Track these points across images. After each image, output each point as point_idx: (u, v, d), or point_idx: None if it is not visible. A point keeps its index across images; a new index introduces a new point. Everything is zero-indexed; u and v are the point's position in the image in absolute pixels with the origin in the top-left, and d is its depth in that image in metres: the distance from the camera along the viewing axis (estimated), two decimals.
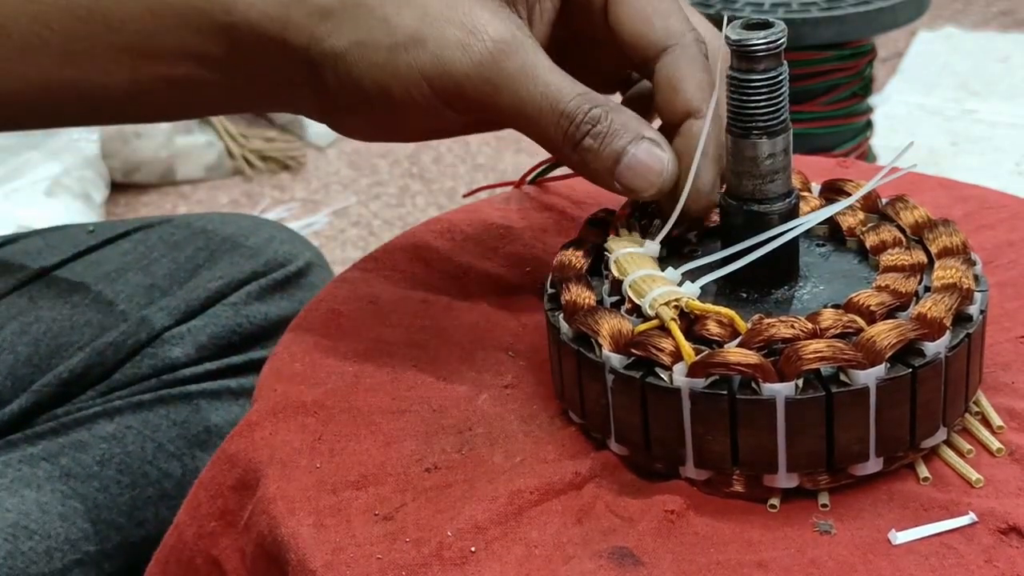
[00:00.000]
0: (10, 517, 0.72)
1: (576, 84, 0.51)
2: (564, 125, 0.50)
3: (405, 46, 0.50)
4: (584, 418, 0.50)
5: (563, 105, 0.50)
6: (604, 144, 0.50)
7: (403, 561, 0.45)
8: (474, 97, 0.50)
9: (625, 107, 0.51)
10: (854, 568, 0.44)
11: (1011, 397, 0.52)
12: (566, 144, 0.51)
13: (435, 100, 0.51)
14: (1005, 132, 2.12)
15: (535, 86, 0.50)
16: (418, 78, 0.50)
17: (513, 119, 0.51)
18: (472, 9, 0.50)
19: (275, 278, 0.87)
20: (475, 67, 0.49)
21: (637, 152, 0.50)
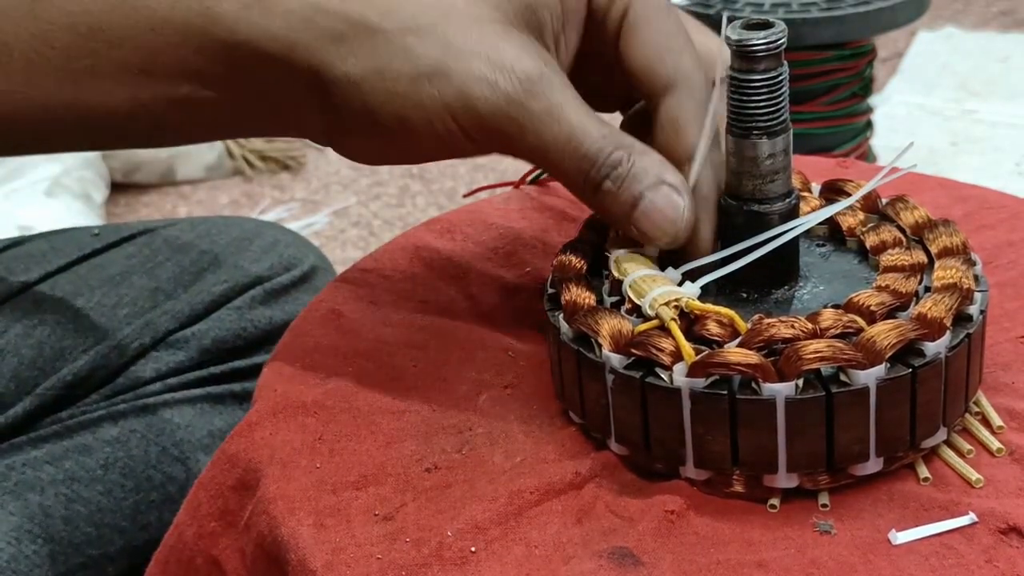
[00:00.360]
0: (14, 520, 0.72)
1: (603, 124, 0.50)
2: (585, 168, 0.49)
3: (428, 77, 0.49)
4: (584, 418, 0.50)
5: (585, 148, 0.49)
6: (623, 188, 0.49)
7: (403, 561, 0.45)
8: (497, 134, 0.49)
9: (651, 149, 0.50)
10: (854, 568, 0.44)
11: (1011, 397, 0.52)
12: (587, 186, 0.50)
13: (457, 133, 0.49)
14: (1005, 132, 2.12)
15: (560, 127, 0.49)
16: (442, 111, 0.49)
17: (534, 157, 0.50)
18: (499, 43, 0.49)
19: (280, 282, 0.87)
20: (502, 105, 0.48)
21: (655, 198, 0.49)
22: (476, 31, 0.49)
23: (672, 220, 0.49)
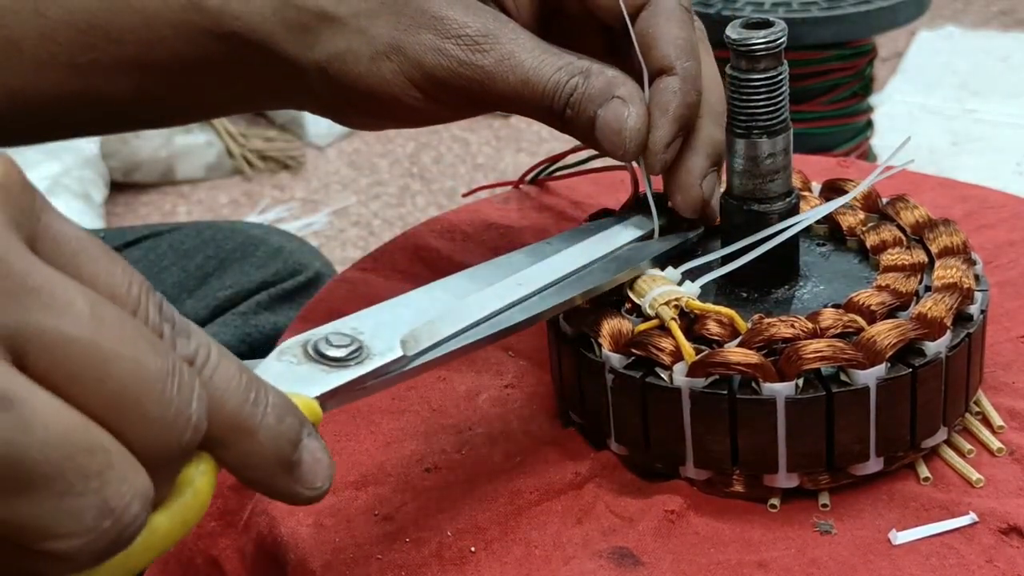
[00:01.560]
0: None
1: (558, 56, 0.51)
2: (547, 103, 0.51)
3: (386, 55, 0.52)
4: (584, 418, 0.50)
5: (543, 86, 0.51)
6: (580, 112, 0.51)
7: (403, 561, 0.45)
8: (461, 92, 0.52)
9: (609, 68, 0.51)
10: (854, 568, 0.44)
11: (1011, 397, 0.52)
12: (552, 120, 0.52)
13: (424, 100, 0.52)
14: (1005, 132, 2.13)
15: (514, 75, 0.51)
16: (403, 82, 0.52)
17: (502, 105, 0.52)
18: (442, 11, 0.51)
19: (285, 288, 0.87)
20: (455, 68, 0.51)
21: (605, 114, 0.50)
22: (422, 4, 0.51)
23: (617, 130, 0.50)
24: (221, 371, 0.32)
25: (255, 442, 0.32)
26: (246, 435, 0.32)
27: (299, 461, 0.34)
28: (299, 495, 0.35)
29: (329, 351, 0.39)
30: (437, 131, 2.26)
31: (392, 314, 0.42)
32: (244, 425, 0.32)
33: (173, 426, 0.29)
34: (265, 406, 0.33)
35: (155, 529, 0.30)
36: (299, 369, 0.38)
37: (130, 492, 0.29)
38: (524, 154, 2.16)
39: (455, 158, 2.19)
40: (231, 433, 0.32)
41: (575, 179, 0.70)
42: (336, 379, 0.38)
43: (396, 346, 0.40)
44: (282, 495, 0.34)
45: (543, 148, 2.16)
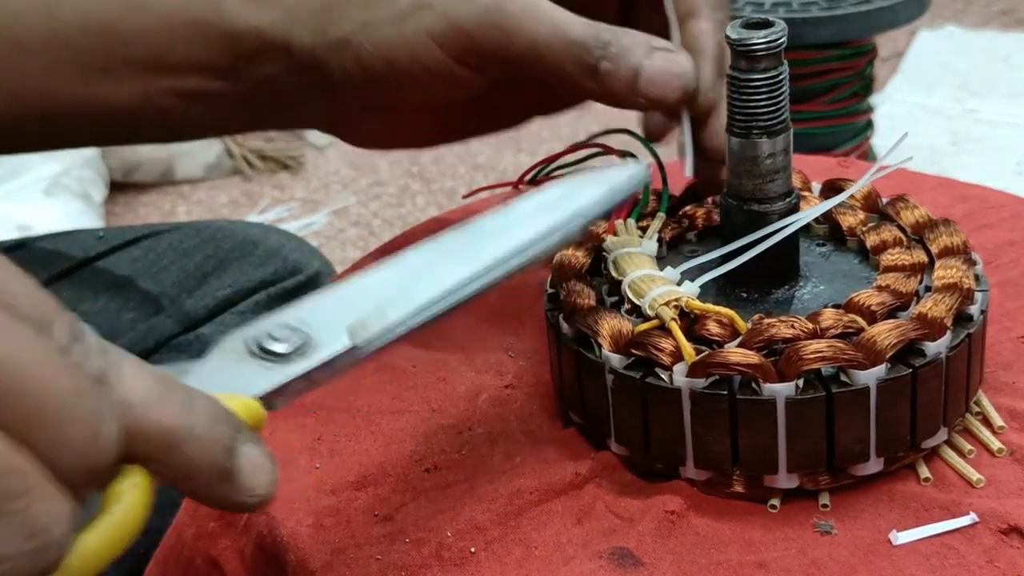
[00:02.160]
0: None
1: (580, 17, 0.51)
2: (579, 54, 0.50)
3: (409, 15, 0.51)
4: (584, 418, 0.50)
5: (574, 35, 0.50)
6: (621, 64, 0.50)
7: (403, 562, 0.45)
8: (486, 47, 0.51)
9: (630, 30, 0.51)
10: (855, 569, 0.44)
11: (1012, 397, 0.52)
12: (585, 74, 0.51)
13: (447, 62, 0.51)
14: (1005, 132, 2.12)
15: (542, 23, 0.50)
16: (427, 41, 0.51)
17: (529, 62, 0.51)
18: None
19: (284, 287, 0.87)
20: (482, 15, 0.50)
21: (653, 63, 0.50)
22: None
23: (678, 75, 0.50)
24: (139, 384, 0.30)
25: (185, 453, 0.31)
26: (174, 447, 0.31)
27: (237, 468, 0.33)
28: (242, 503, 0.33)
29: (272, 346, 0.36)
30: None
31: (338, 300, 0.39)
32: (170, 437, 0.31)
33: (88, 444, 0.28)
34: (192, 415, 0.31)
35: (86, 549, 0.29)
36: (240, 368, 0.36)
37: (52, 512, 0.28)
38: (524, 154, 2.16)
39: (455, 158, 2.19)
40: (158, 446, 0.31)
41: None
42: (281, 376, 0.36)
43: (343, 336, 0.38)
44: (224, 504, 0.33)
45: (543, 148, 2.16)
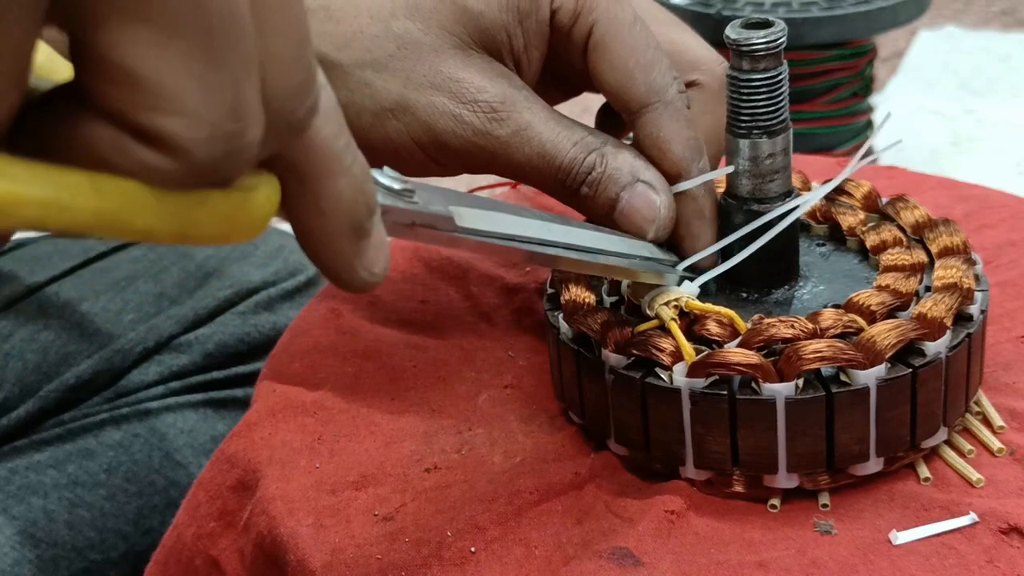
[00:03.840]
0: (17, 524, 0.72)
1: (573, 130, 0.50)
2: (561, 178, 0.50)
3: (392, 112, 0.49)
4: (584, 418, 0.50)
5: (559, 161, 0.49)
6: (600, 192, 0.50)
7: (403, 562, 0.45)
8: (468, 160, 0.50)
9: (625, 147, 0.50)
10: (855, 568, 0.44)
11: (1012, 397, 0.52)
12: (564, 194, 0.50)
13: (427, 161, 0.51)
14: (1006, 132, 2.12)
15: (530, 148, 0.49)
16: (408, 142, 0.50)
17: (509, 174, 0.51)
18: (459, 73, 0.49)
19: (284, 288, 0.87)
20: (469, 137, 0.49)
21: (631, 198, 0.49)
22: (435, 61, 0.49)
23: (650, 218, 0.50)
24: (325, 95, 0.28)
25: (336, 185, 0.29)
26: (330, 173, 0.29)
27: (368, 232, 0.30)
28: (354, 272, 0.31)
29: (384, 180, 0.35)
30: None
31: (440, 192, 0.39)
32: (332, 160, 0.28)
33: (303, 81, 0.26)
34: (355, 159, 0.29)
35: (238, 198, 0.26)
36: None
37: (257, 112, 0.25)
38: None
39: None
40: (316, 163, 0.28)
41: None
42: (391, 201, 0.35)
43: (447, 209, 0.37)
44: (338, 268, 0.31)
45: None
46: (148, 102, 0.23)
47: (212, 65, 0.23)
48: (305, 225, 0.30)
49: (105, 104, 0.23)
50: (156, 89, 0.23)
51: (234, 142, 0.24)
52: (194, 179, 0.24)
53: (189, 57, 0.23)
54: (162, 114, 0.23)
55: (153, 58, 0.22)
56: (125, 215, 0.24)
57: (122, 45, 0.22)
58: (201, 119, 0.23)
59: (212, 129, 0.24)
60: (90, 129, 0.24)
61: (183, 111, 0.23)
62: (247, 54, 0.24)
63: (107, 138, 0.23)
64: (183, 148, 0.24)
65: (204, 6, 0.23)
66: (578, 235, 0.46)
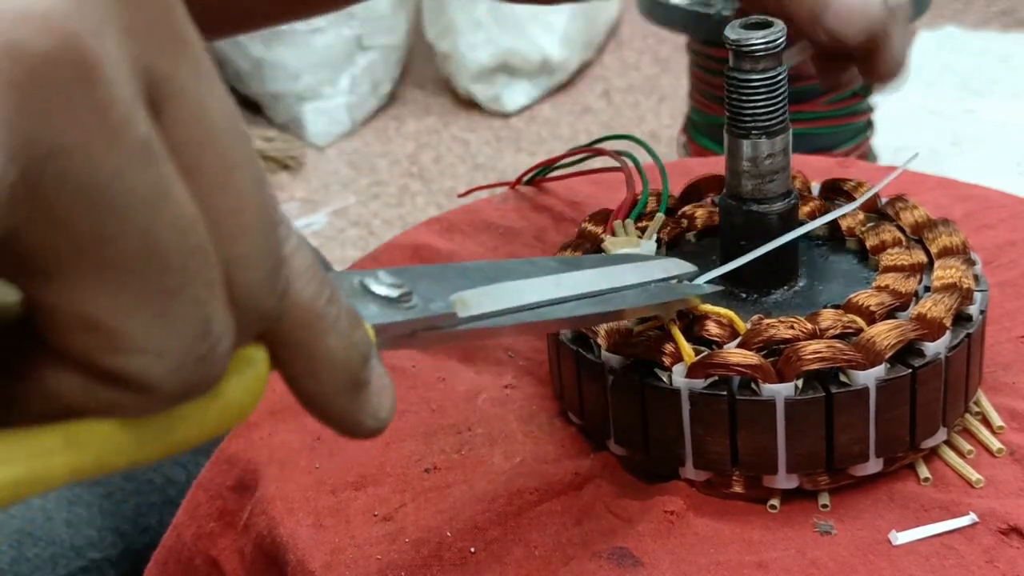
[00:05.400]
0: (15, 523, 0.72)
1: None
2: None
3: None
4: (583, 419, 0.50)
5: None
6: None
7: (402, 562, 0.45)
8: None
9: None
10: (855, 569, 0.44)
11: (1012, 397, 0.52)
12: None
13: None
14: (1006, 132, 2.12)
15: None
16: None
17: None
18: None
19: None
20: None
21: None
22: None
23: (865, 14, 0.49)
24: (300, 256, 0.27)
25: (325, 346, 0.28)
26: (317, 336, 0.28)
27: (367, 381, 0.30)
28: (360, 424, 0.30)
29: (379, 289, 0.34)
30: (437, 131, 2.26)
31: (438, 278, 0.37)
32: (316, 323, 0.27)
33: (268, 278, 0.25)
34: (340, 311, 0.28)
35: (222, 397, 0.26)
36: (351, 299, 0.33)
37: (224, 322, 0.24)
38: (524, 154, 2.15)
39: (455, 158, 2.19)
40: (300, 329, 0.27)
41: (571, 180, 0.70)
42: (387, 316, 0.34)
43: (447, 302, 0.36)
44: (341, 420, 0.30)
45: (543, 148, 2.16)
46: (108, 346, 0.22)
47: (171, 298, 0.23)
48: (302, 390, 0.29)
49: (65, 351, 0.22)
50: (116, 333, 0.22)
51: (206, 362, 0.24)
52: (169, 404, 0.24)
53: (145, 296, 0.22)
54: (125, 356, 0.22)
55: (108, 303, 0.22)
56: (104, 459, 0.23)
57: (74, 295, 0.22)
58: (167, 353, 0.23)
59: (180, 359, 0.23)
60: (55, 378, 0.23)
61: (146, 350, 0.22)
62: (209, 277, 0.23)
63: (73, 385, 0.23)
64: (151, 385, 0.23)
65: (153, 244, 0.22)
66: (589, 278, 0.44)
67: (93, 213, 0.21)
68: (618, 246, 0.52)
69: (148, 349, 0.22)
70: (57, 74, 0.20)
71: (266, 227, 0.25)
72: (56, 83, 0.20)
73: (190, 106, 0.23)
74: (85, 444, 0.23)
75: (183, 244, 0.23)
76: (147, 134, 0.22)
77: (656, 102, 2.25)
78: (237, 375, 0.26)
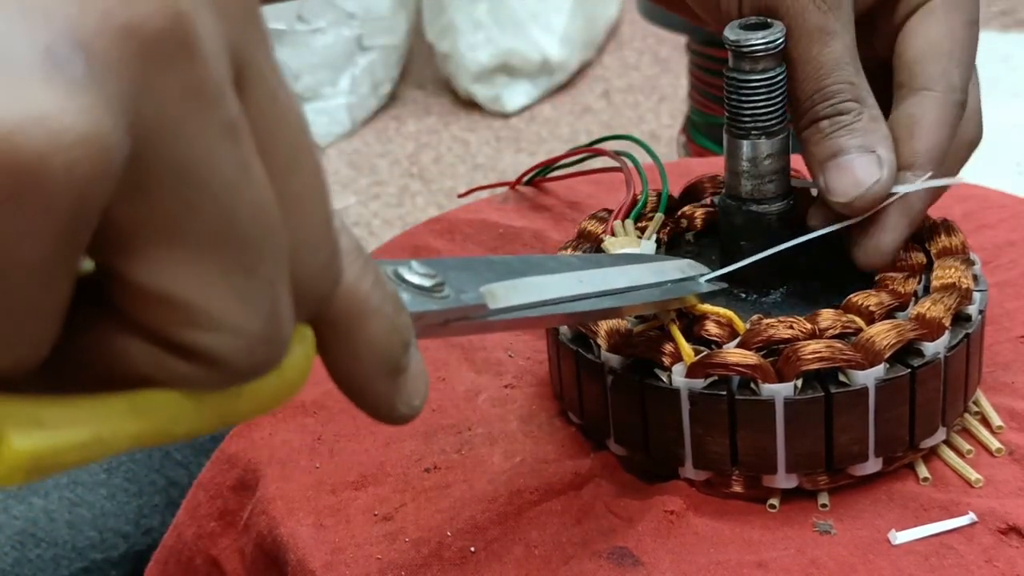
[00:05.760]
0: (17, 524, 0.72)
1: (857, 74, 0.49)
2: (815, 98, 0.49)
3: None
4: (583, 418, 0.50)
5: (825, 81, 0.48)
6: (833, 137, 0.48)
7: (403, 561, 0.45)
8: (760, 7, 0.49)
9: (882, 118, 0.49)
10: (854, 568, 0.44)
11: (1011, 397, 0.52)
12: (805, 112, 0.49)
13: None
14: (1005, 132, 2.12)
15: (821, 48, 0.48)
16: None
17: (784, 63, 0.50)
18: None
19: None
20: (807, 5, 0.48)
21: (856, 159, 0.48)
22: None
23: (861, 185, 0.48)
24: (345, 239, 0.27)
25: (367, 330, 0.28)
26: (359, 319, 0.28)
27: (406, 367, 0.30)
28: (394, 410, 0.30)
29: (413, 278, 0.35)
30: (437, 131, 2.26)
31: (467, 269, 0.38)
32: (359, 306, 0.28)
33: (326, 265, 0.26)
34: (384, 295, 0.28)
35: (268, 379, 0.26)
36: None
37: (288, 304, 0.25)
38: (524, 154, 2.16)
39: (455, 158, 2.19)
40: (346, 311, 0.28)
41: (571, 180, 0.70)
42: (421, 304, 0.34)
43: (478, 294, 0.37)
44: (376, 406, 0.30)
45: (543, 148, 2.16)
46: (186, 320, 0.23)
47: (248, 276, 0.23)
48: (342, 371, 0.29)
49: (140, 323, 0.23)
50: (194, 308, 0.23)
51: (273, 342, 0.24)
52: (236, 381, 0.24)
53: (226, 274, 0.23)
54: (202, 331, 0.23)
55: (189, 279, 0.22)
56: (166, 428, 0.24)
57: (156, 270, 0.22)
58: (240, 331, 0.23)
59: (251, 339, 0.24)
60: (126, 347, 0.23)
61: (222, 327, 0.23)
62: (280, 256, 0.24)
63: (144, 355, 0.23)
64: (224, 361, 0.23)
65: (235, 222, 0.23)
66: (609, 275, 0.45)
67: (184, 189, 0.22)
68: (618, 246, 0.52)
69: (224, 326, 0.23)
70: (166, 50, 0.21)
71: (327, 212, 0.26)
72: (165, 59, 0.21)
73: (268, 89, 0.24)
74: (149, 412, 0.23)
75: (262, 224, 0.23)
76: (236, 113, 0.23)
77: (656, 102, 2.25)
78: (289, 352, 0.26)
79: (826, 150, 0.49)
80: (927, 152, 0.49)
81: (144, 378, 0.23)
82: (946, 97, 0.49)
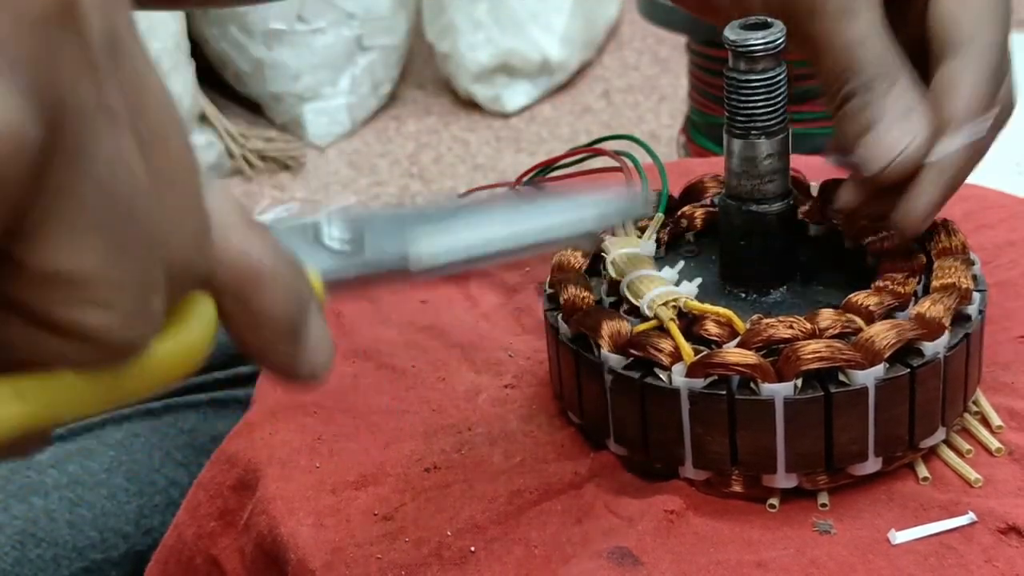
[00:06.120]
0: (18, 524, 0.72)
1: (885, 48, 0.48)
2: (844, 75, 0.48)
3: None
4: (583, 418, 0.50)
5: (851, 58, 0.48)
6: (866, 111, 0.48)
7: (403, 561, 0.45)
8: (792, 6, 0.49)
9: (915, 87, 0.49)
10: (854, 568, 0.44)
11: (1011, 397, 0.52)
12: (836, 92, 0.49)
13: None
14: (1005, 132, 2.12)
15: (845, 27, 0.48)
16: None
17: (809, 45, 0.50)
18: None
19: None
20: None
21: (890, 129, 0.48)
22: None
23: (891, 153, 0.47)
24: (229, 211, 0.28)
25: (261, 296, 0.28)
26: (252, 285, 0.28)
27: (306, 333, 0.30)
28: (298, 372, 0.31)
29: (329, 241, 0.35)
30: (437, 131, 2.26)
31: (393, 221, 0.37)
32: (250, 273, 0.28)
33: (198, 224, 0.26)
34: (279, 261, 0.29)
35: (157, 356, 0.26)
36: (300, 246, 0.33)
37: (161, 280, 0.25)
38: (524, 154, 2.16)
39: (455, 158, 2.19)
40: (235, 280, 0.28)
41: (575, 179, 0.70)
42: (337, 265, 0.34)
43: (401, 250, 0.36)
44: (281, 369, 0.30)
45: (543, 148, 2.16)
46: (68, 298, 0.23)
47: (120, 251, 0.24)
48: (241, 337, 0.30)
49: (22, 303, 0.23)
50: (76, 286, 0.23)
51: (146, 317, 0.25)
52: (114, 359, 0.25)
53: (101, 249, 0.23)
54: (81, 307, 0.23)
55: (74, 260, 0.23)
56: (56, 409, 0.24)
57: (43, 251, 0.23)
58: (112, 304, 0.24)
59: (122, 313, 0.24)
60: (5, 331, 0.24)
61: (98, 301, 0.23)
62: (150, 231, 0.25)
63: (26, 337, 0.24)
64: (97, 336, 0.24)
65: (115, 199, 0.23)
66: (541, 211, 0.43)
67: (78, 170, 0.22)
68: (618, 246, 0.52)
69: (100, 300, 0.24)
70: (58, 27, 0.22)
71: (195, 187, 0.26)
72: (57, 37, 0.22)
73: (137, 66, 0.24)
74: (35, 396, 0.24)
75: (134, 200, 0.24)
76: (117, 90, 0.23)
77: (656, 102, 2.25)
78: (184, 325, 0.27)
79: (859, 124, 0.48)
80: (964, 110, 0.48)
81: (27, 361, 0.24)
82: (980, 55, 0.48)
